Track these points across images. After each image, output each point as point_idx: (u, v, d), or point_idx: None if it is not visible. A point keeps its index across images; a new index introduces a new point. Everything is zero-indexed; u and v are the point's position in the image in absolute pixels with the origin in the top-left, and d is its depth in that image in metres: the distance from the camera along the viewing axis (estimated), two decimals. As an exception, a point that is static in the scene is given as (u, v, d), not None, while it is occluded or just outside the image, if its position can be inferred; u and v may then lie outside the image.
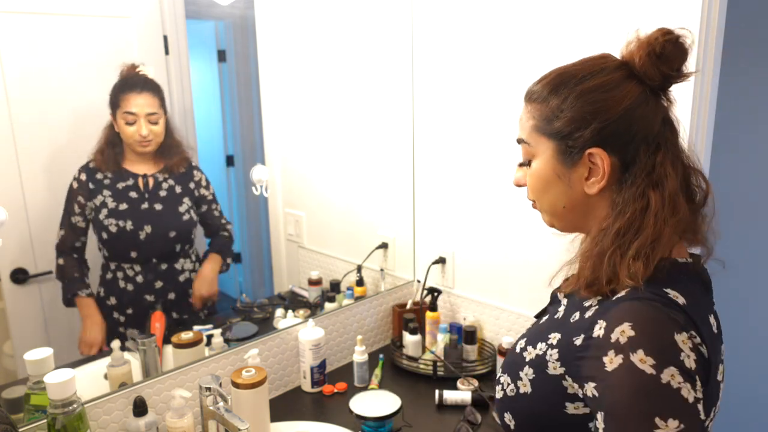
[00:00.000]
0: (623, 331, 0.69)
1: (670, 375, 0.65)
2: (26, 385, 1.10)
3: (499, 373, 0.91)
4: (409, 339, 1.68)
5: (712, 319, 0.78)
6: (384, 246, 1.92)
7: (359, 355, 1.60)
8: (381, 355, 1.72)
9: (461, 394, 1.49)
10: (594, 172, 0.79)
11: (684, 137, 0.81)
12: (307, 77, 1.88)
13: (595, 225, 0.81)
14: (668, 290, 0.73)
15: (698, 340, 0.70)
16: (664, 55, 0.75)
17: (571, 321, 0.79)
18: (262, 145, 1.86)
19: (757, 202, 1.94)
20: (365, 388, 1.58)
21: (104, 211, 1.47)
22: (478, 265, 1.72)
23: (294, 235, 1.97)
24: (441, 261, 1.81)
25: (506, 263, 1.63)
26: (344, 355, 1.72)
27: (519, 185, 0.90)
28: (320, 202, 1.94)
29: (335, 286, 1.85)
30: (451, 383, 1.58)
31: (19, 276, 1.38)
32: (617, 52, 0.82)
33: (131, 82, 1.45)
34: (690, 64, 0.78)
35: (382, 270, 1.87)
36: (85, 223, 1.45)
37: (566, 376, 0.76)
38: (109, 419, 1.21)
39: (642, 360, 0.66)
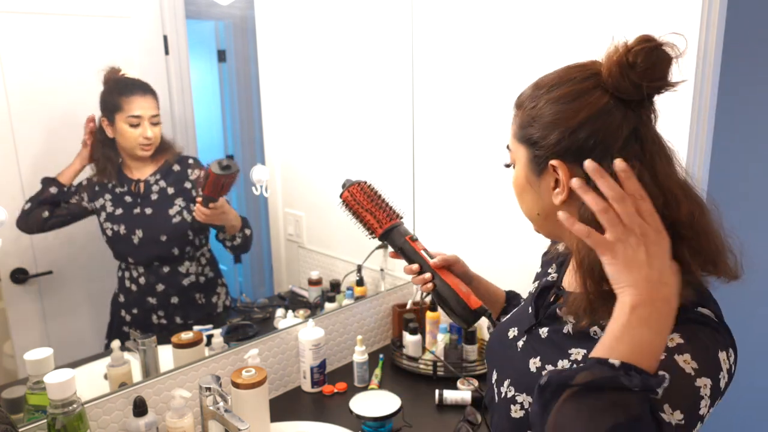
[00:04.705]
0: (671, 339, 0.68)
1: (704, 383, 0.66)
2: (26, 385, 1.10)
3: (510, 391, 0.85)
4: (409, 339, 1.68)
5: None
6: (384, 246, 1.91)
7: (359, 355, 1.60)
8: (381, 355, 1.72)
9: (461, 393, 1.49)
10: (558, 183, 0.77)
11: (676, 150, 0.76)
12: (308, 77, 1.88)
13: (573, 236, 0.76)
14: (702, 309, 0.72)
15: (733, 358, 0.70)
16: (638, 65, 0.69)
17: (597, 337, 0.75)
18: (262, 145, 1.86)
19: (757, 210, 1.93)
20: (365, 388, 1.58)
21: (103, 215, 1.47)
22: (478, 265, 1.71)
23: (294, 235, 1.97)
24: (441, 261, 1.81)
25: (506, 264, 1.63)
26: (344, 355, 1.72)
27: None
28: (320, 202, 1.94)
29: (335, 286, 1.85)
30: (451, 383, 1.58)
31: (19, 276, 1.38)
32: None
33: (130, 84, 1.44)
34: (677, 74, 0.71)
35: (382, 270, 1.87)
36: (65, 205, 1.42)
37: None
38: (109, 419, 1.21)
39: (686, 361, 0.67)
